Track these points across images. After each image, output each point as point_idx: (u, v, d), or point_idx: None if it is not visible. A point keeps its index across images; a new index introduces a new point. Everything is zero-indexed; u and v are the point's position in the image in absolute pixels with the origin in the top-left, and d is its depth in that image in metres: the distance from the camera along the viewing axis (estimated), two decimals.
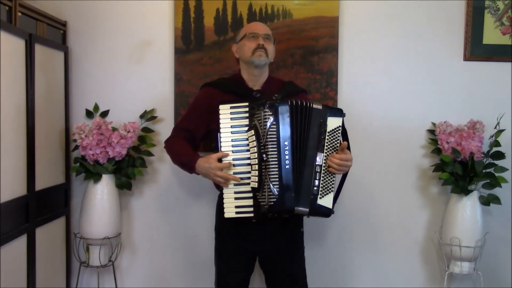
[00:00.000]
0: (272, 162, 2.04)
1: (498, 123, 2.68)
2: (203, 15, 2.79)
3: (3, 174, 2.13)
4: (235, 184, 2.11)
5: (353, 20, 2.80)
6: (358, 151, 2.52)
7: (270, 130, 2.04)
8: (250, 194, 2.09)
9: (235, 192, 2.11)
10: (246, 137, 2.10)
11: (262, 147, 2.05)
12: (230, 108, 2.12)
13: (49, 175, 2.60)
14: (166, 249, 2.91)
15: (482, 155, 2.65)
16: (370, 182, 2.86)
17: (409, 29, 2.81)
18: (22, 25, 2.37)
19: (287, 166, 2.04)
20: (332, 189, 2.12)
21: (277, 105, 2.06)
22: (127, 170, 2.72)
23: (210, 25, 2.79)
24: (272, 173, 2.03)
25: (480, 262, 2.69)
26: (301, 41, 2.78)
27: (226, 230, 2.27)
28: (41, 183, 2.49)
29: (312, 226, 2.71)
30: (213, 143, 2.20)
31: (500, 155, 2.62)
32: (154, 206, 2.90)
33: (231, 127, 2.12)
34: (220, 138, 2.12)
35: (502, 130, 2.68)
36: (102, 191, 2.67)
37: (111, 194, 2.69)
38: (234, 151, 2.11)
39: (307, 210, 2.08)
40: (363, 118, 2.82)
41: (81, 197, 2.75)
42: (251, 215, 2.09)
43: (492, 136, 2.70)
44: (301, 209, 2.07)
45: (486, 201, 2.66)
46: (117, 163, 2.69)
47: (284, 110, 2.06)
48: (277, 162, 2.03)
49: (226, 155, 2.11)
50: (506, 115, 2.75)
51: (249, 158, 2.10)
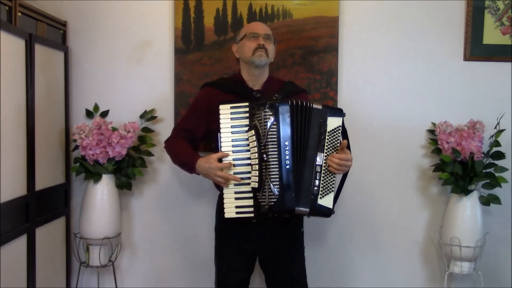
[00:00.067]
0: (272, 162, 2.04)
1: (498, 123, 2.68)
2: (203, 15, 2.79)
3: (3, 174, 2.13)
4: (236, 184, 2.11)
5: (353, 20, 2.81)
6: (358, 151, 2.52)
7: (271, 130, 2.04)
8: (251, 194, 2.09)
9: (236, 192, 2.11)
10: (247, 137, 2.10)
11: (263, 147, 2.05)
12: (230, 108, 2.12)
13: (49, 175, 2.60)
14: (166, 249, 2.91)
15: (482, 155, 2.65)
16: (370, 182, 2.86)
17: (409, 29, 2.81)
18: (22, 25, 2.37)
19: (288, 166, 2.04)
20: (332, 189, 2.12)
21: (277, 105, 2.06)
22: (127, 170, 2.72)
23: (210, 25, 2.79)
24: (272, 173, 2.03)
25: (480, 262, 2.70)
26: (301, 41, 2.78)
27: (226, 230, 2.27)
28: (41, 183, 2.49)
29: (312, 226, 2.71)
30: (213, 143, 2.20)
31: (500, 155, 2.62)
32: (154, 206, 2.90)
33: (231, 127, 2.12)
34: (220, 138, 2.12)
35: (502, 130, 2.68)
36: (102, 191, 2.67)
37: (111, 194, 2.69)
38: (234, 151, 2.11)
39: (308, 210, 2.08)
40: (363, 118, 2.82)
41: (81, 197, 2.75)
42: (252, 215, 2.09)
43: (492, 136, 2.70)
44: (301, 209, 2.07)
45: (486, 201, 2.66)
46: (117, 163, 2.69)
47: (284, 110, 2.06)
48: (277, 162, 2.03)
49: (226, 155, 2.11)
50: (506, 115, 2.75)
51: (249, 158, 2.10)
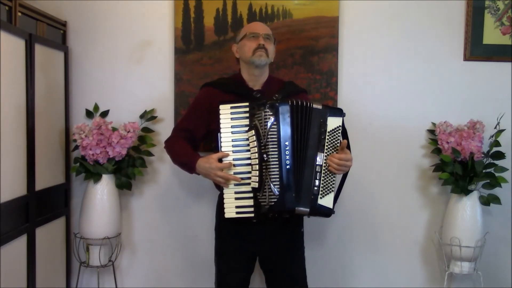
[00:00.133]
0: (272, 162, 2.03)
1: (498, 123, 2.68)
2: (203, 15, 2.79)
3: (3, 174, 2.13)
4: (236, 184, 2.11)
5: (353, 20, 2.81)
6: (358, 151, 2.52)
7: (271, 130, 2.04)
8: (251, 194, 2.09)
9: (236, 192, 2.11)
10: (247, 137, 2.10)
11: (263, 147, 2.05)
12: (231, 108, 2.12)
13: (49, 175, 2.60)
14: (166, 249, 2.91)
15: (482, 155, 2.65)
16: (370, 182, 2.86)
17: (409, 29, 2.81)
18: (22, 25, 2.37)
19: (288, 166, 2.04)
20: (332, 189, 2.12)
21: (277, 105, 2.06)
22: (127, 170, 2.72)
23: (210, 25, 2.79)
24: (272, 173, 2.03)
25: (480, 262, 2.70)
26: (301, 41, 2.78)
27: (226, 230, 2.27)
28: (41, 183, 2.49)
29: (312, 226, 2.71)
30: (213, 143, 2.20)
31: (500, 155, 2.62)
32: (154, 206, 2.90)
33: (232, 127, 2.12)
34: (220, 138, 2.12)
35: (502, 130, 2.68)
36: (102, 191, 2.67)
37: (111, 194, 2.69)
38: (234, 151, 2.11)
39: (308, 210, 2.08)
40: (363, 118, 2.82)
41: (81, 197, 2.75)
42: (252, 215, 2.09)
43: (492, 136, 2.70)
44: (301, 209, 2.07)
45: (486, 201, 2.66)
46: (117, 163, 2.69)
47: (284, 110, 2.06)
48: (277, 162, 2.03)
49: (227, 155, 2.11)
50: (506, 115, 2.75)
51: (249, 158, 2.10)
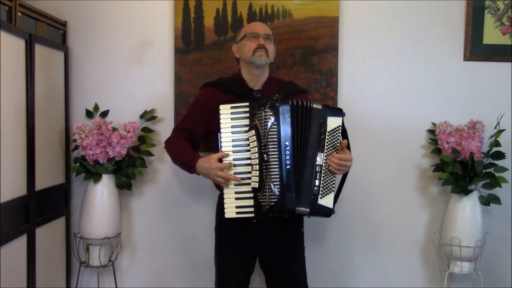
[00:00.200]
0: (273, 162, 2.03)
1: (498, 123, 2.68)
2: (203, 15, 2.79)
3: (3, 174, 2.13)
4: (236, 184, 2.11)
5: (353, 20, 2.81)
6: (358, 151, 2.52)
7: (271, 130, 2.04)
8: (251, 194, 2.09)
9: (236, 192, 2.11)
10: (247, 137, 2.10)
11: (263, 147, 2.05)
12: (231, 108, 2.12)
13: (49, 175, 2.60)
14: (166, 249, 2.91)
15: (482, 155, 2.65)
16: (370, 182, 2.86)
17: (409, 29, 2.81)
18: (22, 25, 2.37)
19: (288, 166, 2.04)
20: (332, 189, 2.12)
21: (278, 105, 2.06)
22: (127, 170, 2.72)
23: (210, 25, 2.79)
24: (273, 173, 2.03)
25: (480, 262, 2.70)
26: (301, 41, 2.78)
27: (226, 230, 2.27)
28: (41, 183, 2.49)
29: (312, 226, 2.71)
30: (213, 143, 2.20)
31: (500, 155, 2.62)
32: (154, 206, 2.90)
33: (232, 127, 2.12)
34: (220, 138, 2.12)
35: (502, 130, 2.68)
36: (102, 191, 2.67)
37: (111, 194, 2.69)
38: (234, 151, 2.11)
39: (308, 210, 2.08)
40: (363, 118, 2.82)
41: (81, 197, 2.75)
42: (252, 215, 2.09)
43: (492, 136, 2.70)
44: (302, 209, 2.07)
45: (486, 201, 2.66)
46: (117, 163, 2.69)
47: (285, 110, 2.06)
48: (278, 162, 2.03)
49: (227, 155, 2.11)
50: (506, 115, 2.75)
51: (249, 158, 2.10)
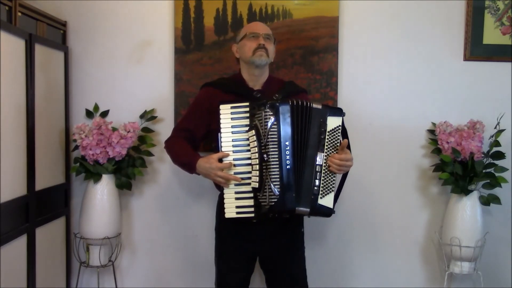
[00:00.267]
0: (273, 162, 2.03)
1: (498, 123, 2.68)
2: (203, 15, 2.79)
3: (3, 174, 2.13)
4: (236, 184, 2.11)
5: (353, 20, 2.81)
6: (358, 151, 2.52)
7: (271, 130, 2.04)
8: (251, 194, 2.09)
9: (236, 192, 2.11)
10: (247, 137, 2.10)
11: (263, 147, 2.05)
12: (231, 108, 2.12)
13: (49, 175, 2.60)
14: (166, 249, 2.91)
15: (482, 155, 2.65)
16: (370, 182, 2.86)
17: (409, 29, 2.81)
18: (22, 25, 2.37)
19: (288, 166, 2.04)
20: (332, 188, 2.12)
21: (278, 105, 2.06)
22: (127, 170, 2.72)
23: (210, 25, 2.79)
24: (273, 173, 2.03)
25: (480, 262, 2.70)
26: (301, 41, 2.78)
27: (226, 230, 2.27)
28: (41, 183, 2.49)
29: (312, 226, 2.71)
30: (213, 143, 2.20)
31: (500, 155, 2.62)
32: (154, 206, 2.90)
33: (232, 127, 2.12)
34: (220, 138, 2.12)
35: (502, 130, 2.68)
36: (102, 191, 2.66)
37: (111, 194, 2.69)
38: (234, 151, 2.11)
39: (308, 210, 2.08)
40: (363, 118, 2.82)
41: (81, 197, 2.75)
42: (252, 215, 2.09)
43: (492, 136, 2.70)
44: (302, 209, 2.07)
45: (486, 201, 2.66)
46: (117, 163, 2.69)
47: (285, 110, 2.06)
48: (278, 162, 2.03)
49: (227, 155, 2.11)
50: (506, 115, 2.75)
51: (249, 158, 2.10)
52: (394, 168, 2.85)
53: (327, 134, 2.11)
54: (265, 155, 2.04)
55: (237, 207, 2.10)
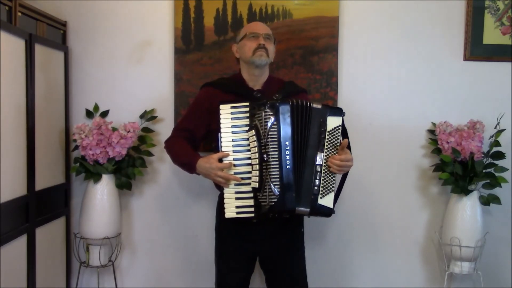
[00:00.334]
0: (273, 162, 2.03)
1: (498, 123, 2.68)
2: (203, 15, 2.79)
3: (3, 174, 2.13)
4: (236, 184, 2.11)
5: (353, 20, 2.81)
6: (358, 151, 2.52)
7: (271, 130, 2.04)
8: (251, 194, 2.09)
9: (236, 192, 2.11)
10: (247, 137, 2.10)
11: (263, 147, 2.05)
12: (231, 108, 2.12)
13: (49, 175, 2.60)
14: (166, 249, 2.91)
15: (482, 155, 2.65)
16: (370, 182, 2.86)
17: (409, 29, 2.81)
18: (22, 25, 2.37)
19: (288, 166, 2.04)
20: (332, 188, 2.12)
21: (278, 105, 2.06)
22: (127, 170, 2.72)
23: (210, 25, 2.79)
24: (273, 173, 2.03)
25: (480, 262, 2.70)
26: (301, 41, 2.78)
27: (226, 230, 2.27)
28: (41, 183, 2.49)
29: (312, 226, 2.71)
30: (213, 143, 2.20)
31: (500, 155, 2.62)
32: (154, 206, 2.90)
33: (232, 127, 2.12)
34: (220, 138, 2.12)
35: (502, 130, 2.68)
36: (102, 191, 2.66)
37: (111, 194, 2.69)
38: (234, 151, 2.11)
39: (308, 210, 2.08)
40: (363, 118, 2.82)
41: (81, 197, 2.75)
42: (252, 215, 2.09)
43: (492, 136, 2.70)
44: (302, 209, 2.07)
45: (486, 201, 2.66)
46: (117, 163, 2.69)
47: (285, 110, 2.06)
48: (278, 162, 2.03)
49: (227, 155, 2.11)
50: (506, 115, 2.75)
51: (249, 158, 2.10)
52: (394, 168, 2.85)
53: (327, 134, 2.11)
54: (265, 155, 2.04)
55: (237, 207, 2.10)
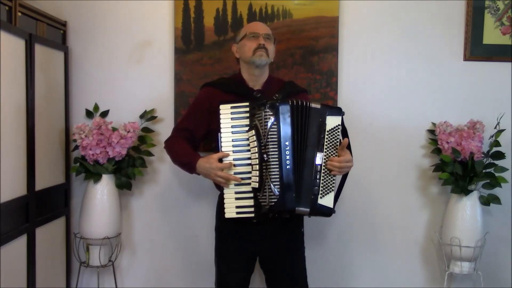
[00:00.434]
0: (273, 162, 2.03)
1: (498, 123, 2.68)
2: (203, 15, 2.79)
3: (3, 174, 2.13)
4: (236, 184, 2.11)
5: (353, 20, 2.81)
6: (358, 151, 2.51)
7: (271, 130, 2.04)
8: (251, 194, 2.09)
9: (236, 192, 2.11)
10: (247, 137, 2.10)
11: (263, 147, 2.05)
12: (231, 108, 2.12)
13: (49, 175, 2.60)
14: (166, 249, 2.91)
15: (482, 155, 2.65)
16: (370, 182, 2.86)
17: (409, 29, 2.81)
18: (22, 25, 2.37)
19: (288, 166, 2.04)
20: (332, 188, 2.12)
21: (278, 105, 2.06)
22: (127, 170, 2.72)
23: (210, 25, 2.79)
24: (273, 173, 2.03)
25: (480, 262, 2.70)
26: (301, 41, 2.78)
27: (226, 230, 2.27)
28: (41, 183, 2.49)
29: (312, 226, 2.71)
30: (213, 143, 2.20)
31: (500, 155, 2.62)
32: (154, 206, 2.90)
33: (232, 127, 2.12)
34: (220, 138, 2.12)
35: (502, 130, 2.68)
36: (102, 191, 2.66)
37: (111, 194, 2.69)
38: (234, 151, 2.11)
39: (308, 210, 2.08)
40: (363, 118, 2.82)
41: (81, 197, 2.75)
42: (252, 215, 2.09)
43: (492, 136, 2.70)
44: (302, 209, 2.07)
45: (486, 201, 2.66)
46: (117, 163, 2.69)
47: (285, 110, 2.06)
48: (278, 162, 2.03)
49: (227, 155, 2.11)
50: (506, 115, 2.75)
51: (249, 158, 2.10)
52: (394, 168, 2.85)
53: (327, 133, 2.11)
54: (265, 155, 2.04)
55: (237, 207, 2.10)
